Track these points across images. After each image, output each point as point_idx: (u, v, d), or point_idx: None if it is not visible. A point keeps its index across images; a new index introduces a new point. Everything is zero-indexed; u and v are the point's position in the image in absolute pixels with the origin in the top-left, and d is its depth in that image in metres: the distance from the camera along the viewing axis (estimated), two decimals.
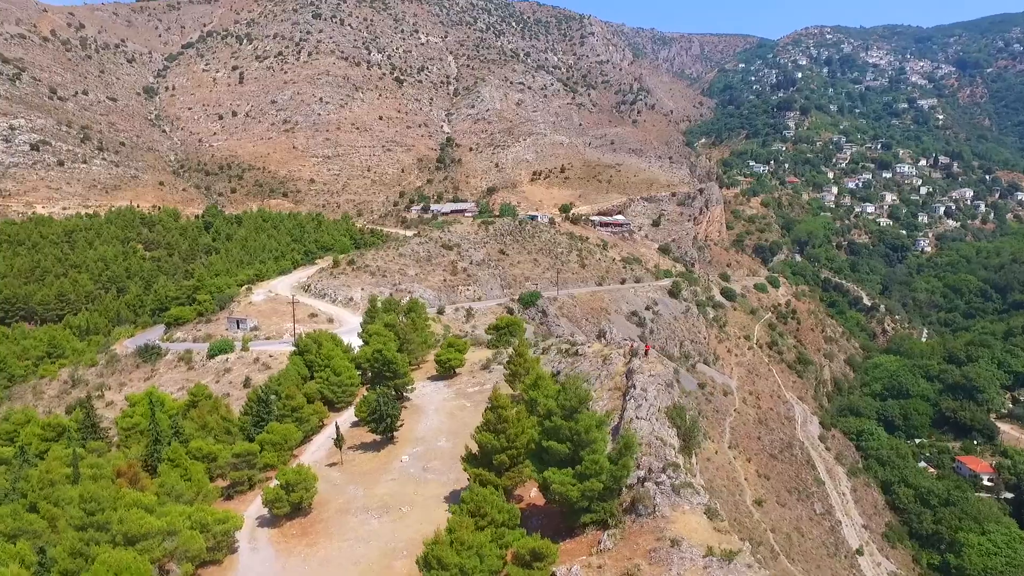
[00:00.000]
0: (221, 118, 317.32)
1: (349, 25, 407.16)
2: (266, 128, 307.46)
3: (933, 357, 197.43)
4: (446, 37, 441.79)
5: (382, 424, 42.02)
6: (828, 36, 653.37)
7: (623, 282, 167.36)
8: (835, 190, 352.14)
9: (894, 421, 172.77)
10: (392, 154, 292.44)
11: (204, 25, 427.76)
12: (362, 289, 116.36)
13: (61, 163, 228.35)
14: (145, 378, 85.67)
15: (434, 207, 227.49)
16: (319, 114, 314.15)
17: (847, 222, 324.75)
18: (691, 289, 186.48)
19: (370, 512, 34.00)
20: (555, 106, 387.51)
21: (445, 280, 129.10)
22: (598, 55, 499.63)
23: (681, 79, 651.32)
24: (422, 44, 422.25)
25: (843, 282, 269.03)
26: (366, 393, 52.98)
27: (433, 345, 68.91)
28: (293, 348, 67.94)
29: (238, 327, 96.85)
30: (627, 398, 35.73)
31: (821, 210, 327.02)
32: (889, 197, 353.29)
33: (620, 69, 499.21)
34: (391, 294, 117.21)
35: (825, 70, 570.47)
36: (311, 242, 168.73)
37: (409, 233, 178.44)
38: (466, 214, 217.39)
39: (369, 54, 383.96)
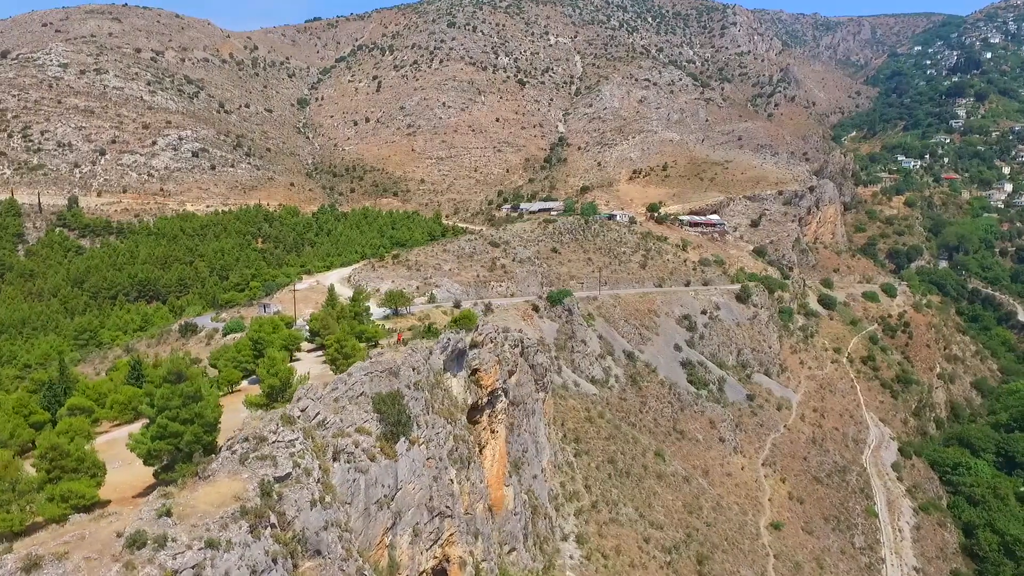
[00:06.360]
0: (356, 124, 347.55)
1: (480, 31, 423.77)
2: (392, 132, 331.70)
3: None
4: (575, 37, 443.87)
5: None
6: None
7: (687, 284, 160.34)
8: (1008, 187, 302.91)
9: (1016, 458, 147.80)
10: (501, 154, 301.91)
11: (356, 40, 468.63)
12: (392, 282, 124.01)
13: (213, 167, 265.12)
14: (176, 350, 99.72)
15: (523, 206, 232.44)
16: (440, 118, 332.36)
17: (1019, 224, 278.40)
18: (775, 295, 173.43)
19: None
20: (680, 102, 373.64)
21: (479, 276, 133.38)
22: (739, 46, 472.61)
23: (845, 66, 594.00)
24: (550, 46, 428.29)
25: (995, 294, 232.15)
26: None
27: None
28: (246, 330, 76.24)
29: (265, 311, 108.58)
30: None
31: (984, 211, 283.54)
32: None
33: (763, 60, 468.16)
34: (418, 287, 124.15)
35: None
36: (387, 238, 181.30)
37: (482, 229, 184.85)
38: (552, 213, 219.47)
39: (496, 58, 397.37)
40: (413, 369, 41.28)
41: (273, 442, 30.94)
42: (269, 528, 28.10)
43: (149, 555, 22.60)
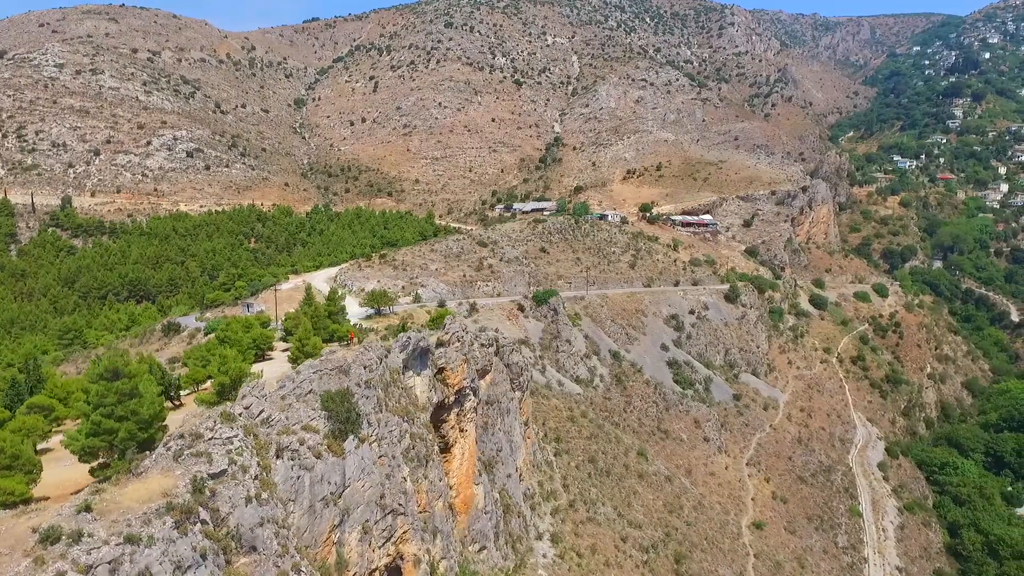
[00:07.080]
0: (352, 124, 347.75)
1: (478, 32, 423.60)
2: (388, 132, 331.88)
3: None
4: (573, 37, 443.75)
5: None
6: None
7: (676, 284, 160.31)
8: (1004, 188, 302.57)
9: (1004, 457, 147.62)
10: (497, 155, 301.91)
11: (353, 40, 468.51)
12: (377, 282, 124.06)
13: (208, 167, 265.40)
14: (157, 349, 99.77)
15: (516, 206, 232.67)
16: (436, 118, 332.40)
17: (1014, 225, 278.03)
18: (766, 295, 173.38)
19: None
20: (677, 102, 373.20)
21: (465, 275, 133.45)
22: (736, 46, 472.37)
23: (844, 67, 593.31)
24: (548, 46, 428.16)
25: (989, 294, 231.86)
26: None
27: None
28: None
29: (248, 310, 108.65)
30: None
31: (979, 211, 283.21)
32: None
33: (761, 60, 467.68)
34: (403, 287, 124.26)
35: None
36: (378, 238, 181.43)
37: (472, 229, 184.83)
38: (545, 213, 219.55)
39: (493, 58, 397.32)
40: (365, 367, 41.36)
41: (209, 439, 31.02)
42: (199, 524, 28.19)
43: (62, 550, 22.66)
